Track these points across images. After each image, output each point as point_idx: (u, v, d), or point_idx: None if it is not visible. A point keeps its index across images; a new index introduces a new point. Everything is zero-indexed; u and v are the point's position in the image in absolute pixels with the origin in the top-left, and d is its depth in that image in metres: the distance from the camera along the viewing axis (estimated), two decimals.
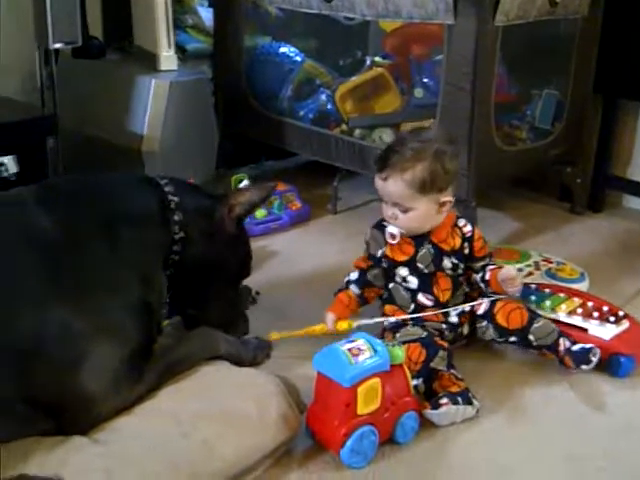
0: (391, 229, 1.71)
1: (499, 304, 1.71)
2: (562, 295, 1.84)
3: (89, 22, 2.46)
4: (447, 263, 1.73)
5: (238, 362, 1.58)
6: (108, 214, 1.51)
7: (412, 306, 1.74)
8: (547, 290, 1.87)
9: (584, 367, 1.64)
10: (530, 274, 2.07)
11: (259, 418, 1.38)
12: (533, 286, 1.89)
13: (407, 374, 1.47)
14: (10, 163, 2.00)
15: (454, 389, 1.55)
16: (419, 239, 1.73)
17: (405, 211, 1.68)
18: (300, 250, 2.33)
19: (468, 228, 1.76)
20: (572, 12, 2.33)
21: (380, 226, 1.77)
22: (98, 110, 2.43)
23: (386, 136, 2.47)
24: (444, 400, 1.52)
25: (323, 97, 2.64)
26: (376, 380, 1.39)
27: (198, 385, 1.46)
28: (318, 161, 2.58)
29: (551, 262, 2.13)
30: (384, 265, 1.76)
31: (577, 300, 1.82)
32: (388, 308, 1.77)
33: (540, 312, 1.76)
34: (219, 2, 2.72)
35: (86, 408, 1.37)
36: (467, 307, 1.73)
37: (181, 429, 1.34)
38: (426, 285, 1.73)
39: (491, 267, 1.75)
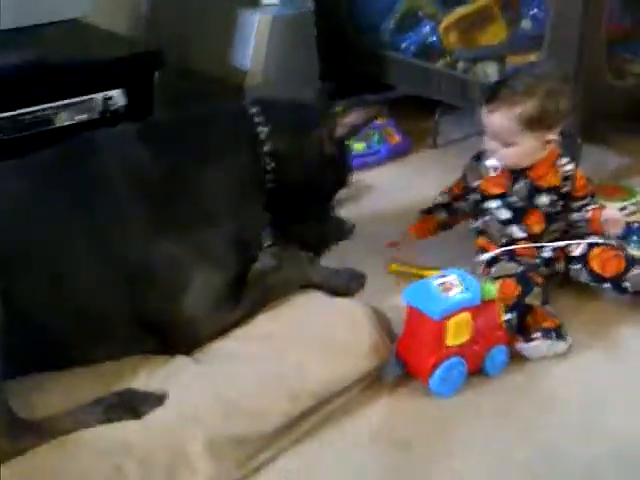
0: (491, 162, 1.72)
1: (596, 250, 1.68)
2: None
3: None
4: (544, 199, 1.71)
5: (331, 291, 1.62)
6: (203, 152, 1.56)
7: (504, 240, 1.74)
8: None
9: None
10: (634, 213, 2.02)
11: (352, 345, 1.44)
12: (636, 225, 1.85)
13: (499, 309, 1.48)
14: (118, 96, 2.08)
15: (547, 324, 1.56)
16: (517, 173, 1.72)
17: (508, 145, 1.67)
18: (399, 183, 2.33)
19: (569, 167, 1.73)
20: None
21: (479, 158, 1.77)
22: (201, 44, 2.47)
23: (490, 69, 2.41)
24: (537, 334, 1.54)
25: (427, 29, 2.59)
26: (466, 314, 1.41)
27: (293, 312, 1.52)
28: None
29: None
30: (477, 197, 1.77)
31: None
32: (481, 240, 1.79)
33: None
34: None
35: (189, 329, 1.46)
36: (562, 244, 1.71)
37: (276, 351, 1.42)
38: (518, 218, 1.73)
39: (593, 206, 1.72)
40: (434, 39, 2.55)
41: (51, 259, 1.40)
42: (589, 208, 1.72)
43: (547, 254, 1.72)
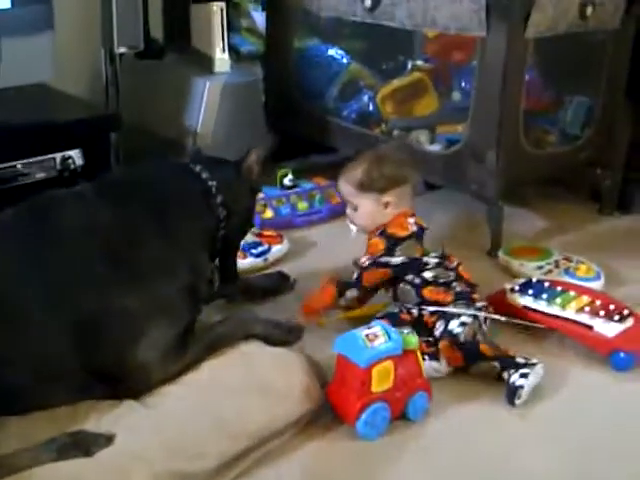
0: (350, 226, 1.99)
1: (443, 342, 1.77)
2: (572, 293, 1.97)
3: (150, 24, 2.67)
4: None
5: (271, 342, 1.76)
6: (160, 207, 1.71)
7: None
8: (559, 288, 1.99)
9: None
10: (550, 272, 2.20)
11: (285, 390, 1.58)
12: (547, 284, 2.02)
13: (419, 358, 1.64)
14: (76, 156, 2.23)
15: (427, 350, 1.75)
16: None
17: (355, 209, 1.93)
18: (338, 242, 2.46)
19: (377, 232, 1.92)
20: (603, 24, 2.43)
21: None
22: (156, 107, 2.64)
23: (423, 137, 2.60)
24: None
25: (365, 98, 2.79)
26: (389, 362, 1.57)
27: (235, 360, 1.66)
28: None
29: (570, 261, 2.25)
30: None
31: (586, 298, 1.94)
32: None
33: (550, 309, 1.92)
34: (271, 6, 2.89)
35: (141, 377, 1.58)
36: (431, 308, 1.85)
37: (218, 397, 1.55)
38: None
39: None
40: (372, 108, 2.75)
41: (4, 313, 1.50)
42: None
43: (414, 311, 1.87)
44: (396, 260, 1.88)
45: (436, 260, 1.90)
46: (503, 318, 1.88)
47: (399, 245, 1.88)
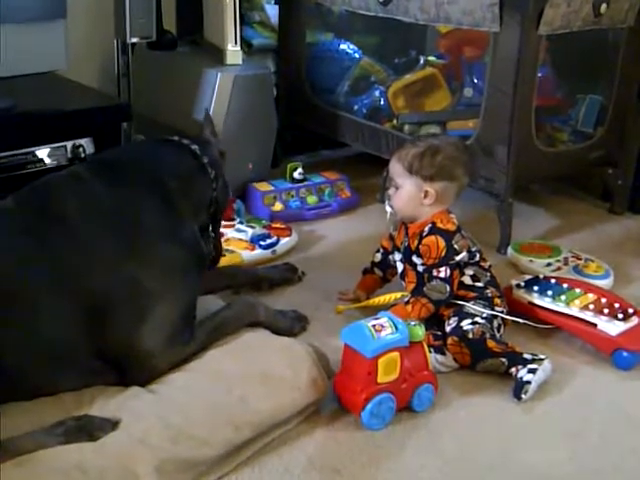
0: (386, 206, 1.94)
1: (450, 340, 1.78)
2: (578, 290, 1.96)
3: (163, 16, 2.68)
4: (415, 260, 1.89)
5: (276, 331, 1.77)
6: (160, 182, 1.69)
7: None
8: (565, 285, 1.99)
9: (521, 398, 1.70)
10: (559, 269, 2.20)
11: (292, 380, 1.58)
12: (553, 281, 2.01)
13: (426, 350, 1.64)
14: (87, 145, 2.23)
15: (432, 343, 1.77)
16: (406, 228, 1.92)
17: (397, 188, 1.89)
18: (347, 235, 2.50)
19: (426, 228, 1.88)
20: (618, 22, 2.42)
21: None
22: (168, 98, 2.64)
23: (434, 132, 2.61)
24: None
25: (377, 93, 2.80)
26: (396, 354, 1.57)
27: (240, 348, 1.66)
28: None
29: (580, 259, 2.25)
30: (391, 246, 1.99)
31: (591, 296, 1.93)
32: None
33: (555, 306, 1.91)
34: (284, 0, 2.90)
35: (145, 362, 1.58)
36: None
37: (224, 385, 1.55)
38: (403, 274, 1.95)
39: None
40: (383, 103, 2.75)
41: (14, 300, 1.49)
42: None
43: None
44: (461, 256, 1.86)
45: (478, 255, 1.90)
46: (520, 320, 1.88)
47: (453, 239, 1.85)
